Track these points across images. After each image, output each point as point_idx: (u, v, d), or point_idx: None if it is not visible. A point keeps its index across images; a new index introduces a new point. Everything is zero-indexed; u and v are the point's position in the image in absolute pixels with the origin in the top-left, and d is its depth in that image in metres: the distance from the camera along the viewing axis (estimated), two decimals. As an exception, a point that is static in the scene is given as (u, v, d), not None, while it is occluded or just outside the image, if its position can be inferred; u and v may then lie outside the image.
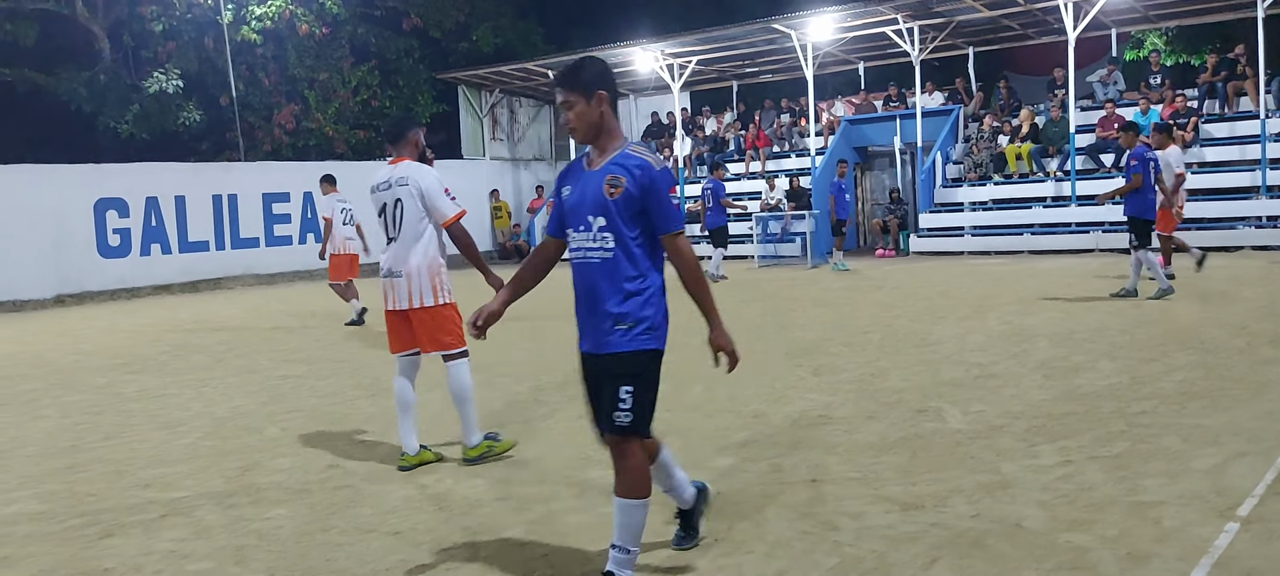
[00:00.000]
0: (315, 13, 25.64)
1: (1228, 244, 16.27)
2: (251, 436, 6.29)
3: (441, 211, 5.30)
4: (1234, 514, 3.93)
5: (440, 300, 5.38)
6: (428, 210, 5.29)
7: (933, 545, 3.77)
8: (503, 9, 29.61)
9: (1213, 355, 7.29)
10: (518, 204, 26.82)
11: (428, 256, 5.31)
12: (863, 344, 8.77)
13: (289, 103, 26.26)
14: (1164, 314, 9.54)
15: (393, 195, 5.32)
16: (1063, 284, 12.62)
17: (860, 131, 22.61)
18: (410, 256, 5.28)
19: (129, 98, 24.60)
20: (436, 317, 5.40)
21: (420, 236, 5.30)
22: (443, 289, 5.40)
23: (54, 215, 17.83)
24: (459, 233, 5.39)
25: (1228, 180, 17.51)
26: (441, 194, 5.31)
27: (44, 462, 5.86)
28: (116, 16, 24.74)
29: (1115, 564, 3.51)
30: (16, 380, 9.17)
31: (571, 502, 4.53)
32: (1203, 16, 20.50)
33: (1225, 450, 4.82)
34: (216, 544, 4.25)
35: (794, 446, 5.33)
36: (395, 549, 4.07)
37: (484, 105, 26.34)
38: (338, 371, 8.74)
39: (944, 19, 19.90)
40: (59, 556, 4.19)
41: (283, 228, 21.66)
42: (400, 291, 5.33)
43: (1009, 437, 5.28)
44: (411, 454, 5.32)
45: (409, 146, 5.46)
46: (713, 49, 22.71)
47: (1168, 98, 18.83)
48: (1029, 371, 7.08)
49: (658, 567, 3.72)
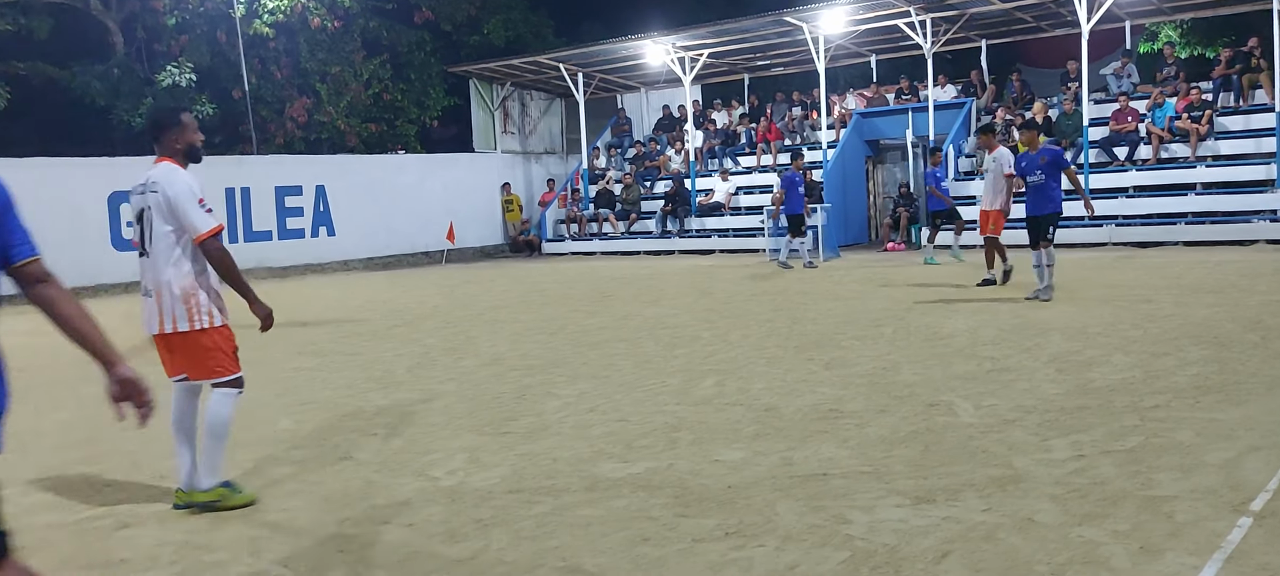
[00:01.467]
0: (327, 6, 25.70)
1: (1242, 238, 16.18)
2: (265, 428, 6.33)
3: (193, 225, 4.48)
4: (1247, 508, 3.91)
5: (197, 325, 4.59)
6: (178, 224, 4.51)
7: (944, 539, 3.77)
8: (514, 2, 29.64)
9: (1227, 349, 7.25)
10: (529, 197, 26.86)
11: (181, 275, 4.54)
12: (874, 337, 8.76)
13: (301, 96, 26.34)
14: (1177, 308, 9.50)
15: (144, 202, 4.58)
16: (1076, 277, 12.57)
17: (872, 124, 22.55)
18: (160, 275, 4.54)
19: (142, 91, 24.71)
20: (196, 345, 4.65)
21: (171, 251, 4.54)
22: (200, 313, 4.59)
23: (68, 208, 17.94)
24: (214, 251, 4.53)
25: (1242, 173, 17.40)
26: (193, 205, 4.48)
27: (61, 453, 5.91)
28: (130, 10, 24.85)
29: (1128, 558, 3.50)
30: (34, 372, 9.23)
31: (582, 495, 4.55)
32: (1217, 8, 20.38)
33: (1239, 444, 4.81)
34: (231, 535, 4.28)
35: (805, 439, 5.34)
36: (408, 540, 4.09)
37: (495, 98, 26.36)
38: (350, 364, 8.78)
39: (957, 11, 19.82)
40: (76, 546, 4.23)
41: (295, 221, 21.77)
42: (150, 313, 4.64)
43: (1021, 431, 5.27)
44: (185, 490, 4.64)
45: (170, 144, 4.61)
46: (724, 42, 22.67)
47: (1182, 90, 18.72)
48: (1042, 365, 7.06)
49: (657, 558, 3.73)
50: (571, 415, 6.26)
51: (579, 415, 6.23)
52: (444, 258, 23.97)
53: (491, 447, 5.52)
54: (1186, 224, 17.02)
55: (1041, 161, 10.55)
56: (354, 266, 22.69)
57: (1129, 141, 18.62)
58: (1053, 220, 10.60)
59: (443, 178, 24.76)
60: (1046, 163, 10.53)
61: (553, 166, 27.74)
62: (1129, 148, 18.60)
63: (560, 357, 8.49)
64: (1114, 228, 17.49)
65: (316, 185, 22.22)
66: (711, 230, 22.37)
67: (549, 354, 8.74)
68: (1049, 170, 10.53)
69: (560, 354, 8.68)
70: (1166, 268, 13.28)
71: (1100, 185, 18.43)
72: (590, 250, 23.80)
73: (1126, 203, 18.00)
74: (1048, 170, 10.53)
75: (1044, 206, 10.59)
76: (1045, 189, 10.58)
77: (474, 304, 13.60)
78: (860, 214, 22.68)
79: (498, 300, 13.96)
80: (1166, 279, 11.94)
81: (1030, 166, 10.66)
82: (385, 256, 23.38)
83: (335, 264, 22.40)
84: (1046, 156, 10.60)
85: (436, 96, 28.34)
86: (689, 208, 22.86)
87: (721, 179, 22.96)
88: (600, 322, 10.77)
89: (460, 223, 24.18)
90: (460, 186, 24.98)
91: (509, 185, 26.29)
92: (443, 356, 8.97)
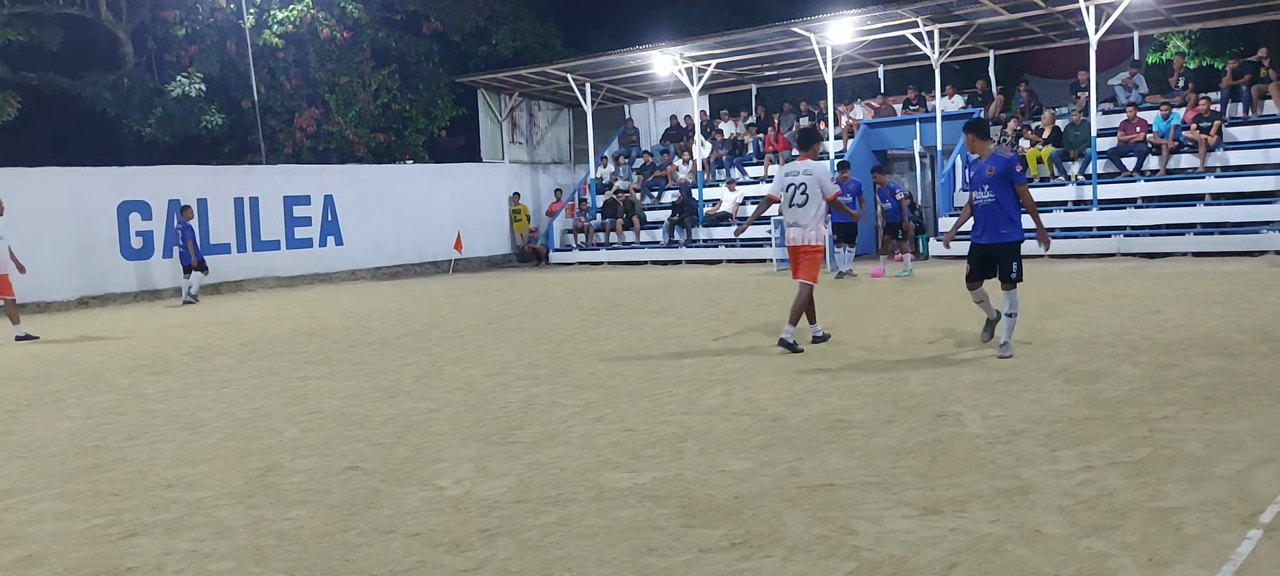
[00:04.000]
0: (336, 17, 25.83)
1: (1251, 249, 16.12)
2: (272, 437, 6.34)
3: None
4: (1257, 520, 3.89)
5: None
6: None
7: (951, 550, 3.76)
8: (522, 12, 29.72)
9: (1236, 360, 7.22)
10: (536, 207, 26.90)
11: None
12: (882, 347, 8.74)
13: (310, 106, 26.46)
14: (1186, 319, 9.46)
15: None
16: (1084, 288, 12.54)
17: (880, 135, 22.54)
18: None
19: (152, 101, 24.85)
20: None
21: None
22: None
23: (78, 217, 18.05)
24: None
25: (1251, 184, 17.34)
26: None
27: (68, 462, 5.92)
28: (140, 21, 25.00)
29: (1136, 570, 3.48)
30: (41, 380, 9.27)
31: (588, 505, 4.54)
32: (1226, 19, 20.33)
33: (1248, 456, 4.78)
34: (237, 544, 4.29)
35: (812, 450, 5.32)
36: (414, 550, 4.09)
37: (503, 109, 26.43)
38: (357, 373, 8.79)
39: (964, 22, 19.81)
40: (82, 555, 4.24)
41: (303, 230, 21.82)
42: None
43: (1029, 442, 5.25)
44: None
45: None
46: (732, 52, 22.69)
47: (1191, 101, 18.69)
48: (1049, 376, 7.04)
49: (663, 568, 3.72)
50: (578, 424, 6.26)
51: (586, 424, 6.22)
52: (451, 267, 24.00)
53: (498, 457, 5.51)
54: (1195, 234, 16.96)
55: (988, 173, 7.92)
56: (362, 276, 22.74)
57: (1137, 152, 18.58)
58: (1009, 253, 7.92)
59: (450, 187, 24.81)
60: (994, 176, 7.89)
61: (560, 176, 27.78)
62: (1137, 158, 18.57)
63: (567, 367, 8.49)
64: (1122, 238, 17.44)
65: (325, 195, 22.28)
66: (718, 240, 22.37)
67: (556, 363, 8.74)
68: (998, 185, 7.88)
69: (567, 363, 8.68)
70: (1175, 278, 13.23)
71: (1109, 196, 18.39)
72: (598, 260, 23.82)
73: (1135, 213, 17.96)
74: (997, 185, 7.89)
75: (995, 234, 7.95)
76: (996, 210, 7.92)
77: (481, 313, 13.62)
78: (867, 226, 22.62)
79: (505, 309, 13.97)
80: (1175, 289, 11.90)
81: (977, 179, 8.10)
82: (393, 266, 23.42)
83: (343, 273, 22.44)
84: (994, 167, 7.91)
85: (444, 107, 28.43)
86: (696, 218, 22.87)
87: (728, 189, 22.98)
88: (607, 332, 10.77)
89: (468, 232, 24.23)
90: (468, 196, 25.02)
91: (517, 195, 26.34)
92: (450, 366, 8.98)
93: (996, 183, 7.88)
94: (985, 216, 8.01)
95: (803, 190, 8.76)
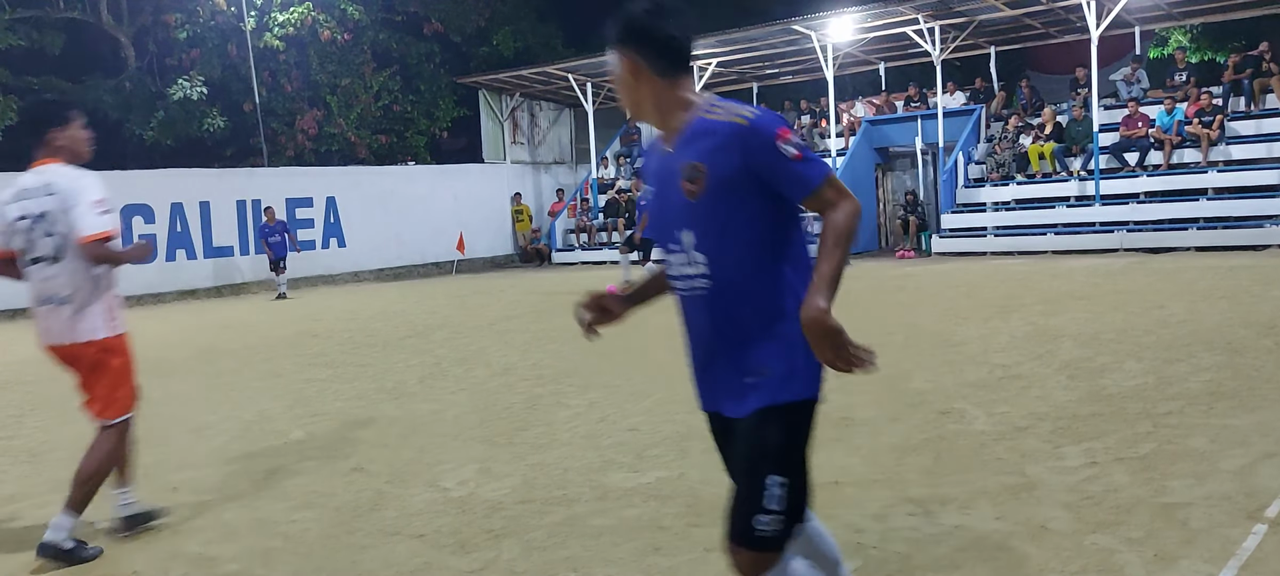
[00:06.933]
0: (337, 18, 25.81)
1: (1254, 243, 16.10)
2: (277, 439, 6.35)
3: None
4: (1262, 515, 3.89)
5: None
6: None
7: (957, 547, 3.76)
8: (523, 13, 29.69)
9: (1240, 355, 7.21)
10: (538, 207, 26.90)
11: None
12: (886, 344, 8.73)
13: (312, 108, 26.45)
14: (1190, 314, 9.45)
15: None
16: (1087, 284, 12.52)
17: (881, 132, 22.53)
18: None
19: (154, 105, 24.86)
20: None
21: None
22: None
23: (81, 221, 18.05)
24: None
25: (1254, 178, 17.32)
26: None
27: (73, 466, 5.92)
28: (141, 24, 25.01)
29: (1142, 566, 3.48)
30: (46, 383, 9.27)
31: (593, 505, 4.55)
32: (1228, 13, 20.28)
33: (1253, 451, 4.78)
34: (243, 546, 4.30)
35: (817, 447, 5.28)
36: (419, 551, 4.10)
37: (504, 109, 26.43)
38: (361, 375, 8.80)
39: (965, 18, 19.79)
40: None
41: (306, 232, 21.83)
42: None
43: (1034, 439, 5.25)
44: None
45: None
46: (733, 50, 22.69)
47: (1192, 95, 18.66)
48: (1054, 372, 7.03)
49: (668, 568, 3.73)
50: (582, 425, 6.26)
51: (590, 425, 6.22)
52: (454, 268, 24.01)
53: (502, 458, 5.52)
54: (1198, 229, 16.95)
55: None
56: (365, 277, 22.76)
57: (1139, 147, 18.56)
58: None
59: (452, 188, 24.82)
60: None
61: (562, 176, 27.79)
62: (1140, 153, 18.55)
63: (571, 367, 8.49)
64: (1125, 233, 17.42)
65: (327, 197, 22.31)
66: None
67: (560, 363, 8.74)
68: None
69: (571, 363, 8.68)
70: (1178, 273, 13.22)
71: (1111, 191, 18.38)
72: (600, 260, 23.82)
73: (1138, 208, 17.93)
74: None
75: None
76: None
77: (484, 314, 13.62)
78: (870, 222, 22.65)
79: (508, 310, 13.97)
80: (1178, 284, 11.88)
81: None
82: (396, 267, 23.44)
83: (346, 275, 22.47)
84: None
85: (446, 107, 28.41)
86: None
87: None
88: (610, 331, 10.74)
89: (470, 233, 24.24)
90: (470, 197, 25.04)
91: (519, 195, 26.34)
92: (454, 367, 8.98)
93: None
94: None
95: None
